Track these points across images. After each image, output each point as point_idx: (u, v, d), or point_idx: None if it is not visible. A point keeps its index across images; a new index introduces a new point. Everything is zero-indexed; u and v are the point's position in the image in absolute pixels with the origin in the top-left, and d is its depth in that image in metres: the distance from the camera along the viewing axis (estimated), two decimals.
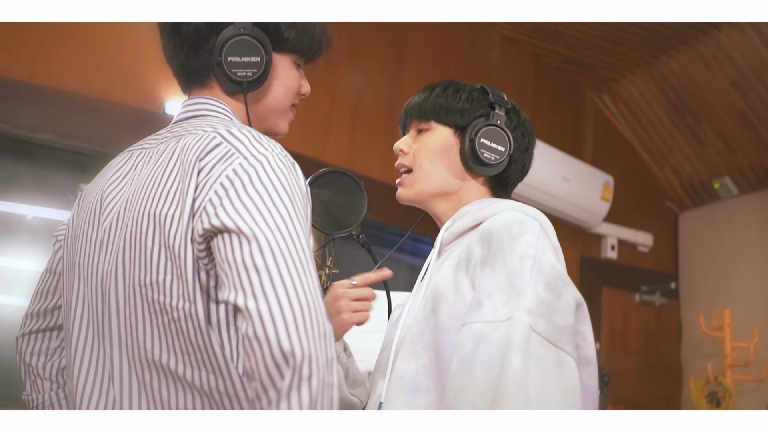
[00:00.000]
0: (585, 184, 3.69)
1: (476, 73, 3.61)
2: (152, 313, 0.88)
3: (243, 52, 1.04)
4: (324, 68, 3.15)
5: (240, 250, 0.81)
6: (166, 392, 0.88)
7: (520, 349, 0.88)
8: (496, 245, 0.98)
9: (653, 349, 4.02)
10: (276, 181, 0.87)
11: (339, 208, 1.36)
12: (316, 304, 0.80)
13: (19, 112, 2.28)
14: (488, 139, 1.16)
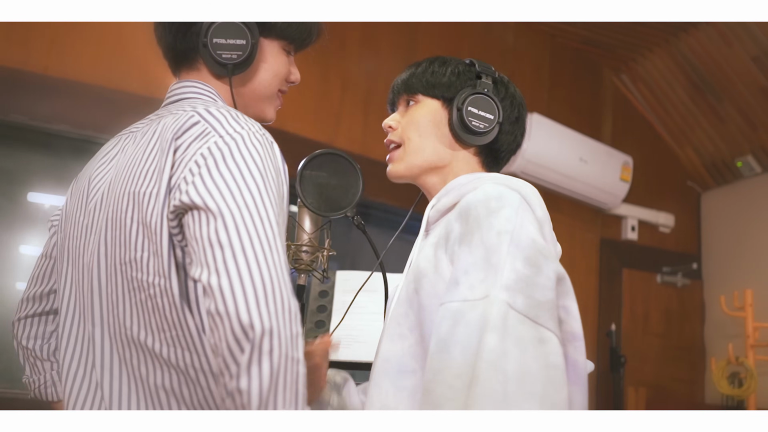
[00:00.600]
0: (603, 165, 3.63)
1: (491, 56, 3.57)
2: (131, 291, 0.89)
3: (229, 34, 1.05)
4: (336, 54, 3.16)
5: (207, 226, 0.81)
6: (145, 370, 0.88)
7: (496, 328, 0.86)
8: (473, 221, 0.96)
9: (676, 330, 3.96)
10: (249, 158, 0.87)
11: (333, 189, 1.36)
12: (280, 279, 0.80)
13: (35, 104, 2.32)
14: (476, 108, 1.14)
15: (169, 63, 1.13)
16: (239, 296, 0.77)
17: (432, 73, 1.19)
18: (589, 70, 3.98)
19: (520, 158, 3.33)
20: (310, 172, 1.35)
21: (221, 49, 1.04)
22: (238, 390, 0.76)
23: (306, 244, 1.40)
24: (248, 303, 0.77)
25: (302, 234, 1.41)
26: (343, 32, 3.04)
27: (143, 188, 0.90)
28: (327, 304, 1.70)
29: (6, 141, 2.35)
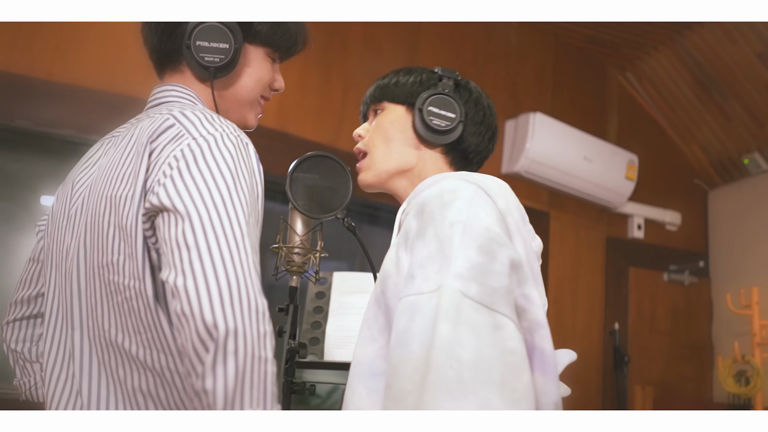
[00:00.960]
0: (608, 163, 3.61)
1: (493, 56, 3.56)
2: (108, 294, 0.90)
3: (212, 37, 1.05)
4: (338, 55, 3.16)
5: (174, 228, 0.82)
6: (123, 373, 0.89)
7: (448, 316, 0.85)
8: (427, 216, 0.96)
9: (683, 328, 3.93)
10: (220, 160, 0.87)
11: (323, 192, 1.36)
12: (246, 279, 0.80)
13: (39, 109, 2.34)
14: (437, 107, 1.15)
15: (153, 64, 1.14)
16: (203, 296, 0.77)
17: (396, 82, 1.21)
18: (593, 69, 3.95)
19: (523, 157, 3.33)
20: (300, 174, 1.35)
21: (204, 52, 1.05)
22: (204, 390, 0.76)
23: (298, 246, 1.41)
24: (212, 303, 0.77)
25: (294, 236, 1.42)
26: (345, 33, 3.04)
27: (119, 191, 0.91)
28: (324, 305, 1.70)
29: (12, 146, 2.37)
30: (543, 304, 1.08)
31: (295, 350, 1.40)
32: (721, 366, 3.31)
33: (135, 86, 2.45)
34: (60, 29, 2.42)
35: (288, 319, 1.40)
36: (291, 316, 1.41)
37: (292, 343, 1.40)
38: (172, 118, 0.93)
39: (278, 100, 2.79)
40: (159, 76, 1.15)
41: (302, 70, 2.88)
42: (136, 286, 0.87)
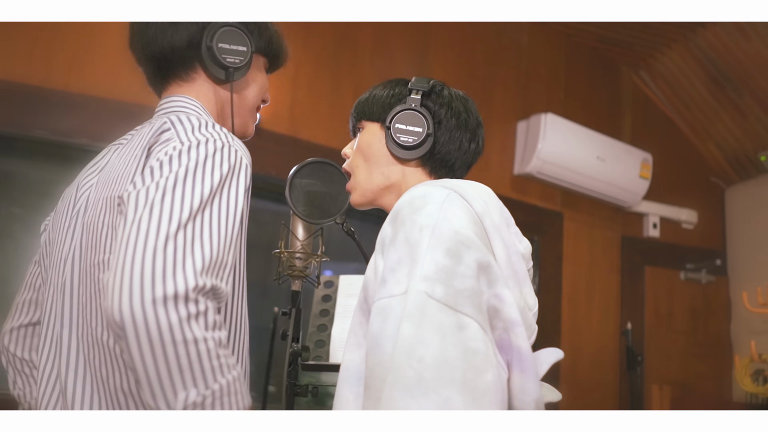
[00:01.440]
0: (621, 162, 3.58)
1: (504, 57, 3.55)
2: (98, 292, 0.92)
3: (233, 40, 1.10)
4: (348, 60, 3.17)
5: (122, 222, 0.84)
6: (106, 371, 0.91)
7: (411, 317, 0.87)
8: (399, 222, 0.97)
9: (701, 327, 3.88)
10: (185, 161, 0.89)
11: (323, 197, 1.38)
12: (146, 265, 0.80)
13: (56, 119, 2.39)
14: (403, 123, 1.16)
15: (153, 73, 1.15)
16: (109, 289, 0.79)
17: (372, 98, 1.22)
18: (606, 69, 3.92)
19: (535, 158, 3.31)
20: (299, 180, 1.37)
21: (225, 53, 1.09)
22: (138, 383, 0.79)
23: (299, 251, 1.42)
24: (113, 294, 0.78)
25: (295, 241, 1.43)
26: (355, 38, 3.05)
27: (115, 193, 0.94)
28: (330, 308, 1.71)
29: (30, 155, 2.42)
30: (531, 306, 1.09)
31: (297, 353, 1.41)
32: (738, 365, 3.26)
33: (149, 95, 2.47)
34: (76, 41, 2.47)
35: (290, 322, 1.42)
36: (293, 319, 1.42)
37: (295, 347, 1.41)
38: (169, 122, 0.96)
39: (290, 106, 2.81)
40: (159, 86, 1.16)
41: (313, 75, 2.90)
42: None
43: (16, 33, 2.43)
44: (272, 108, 2.76)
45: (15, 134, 2.42)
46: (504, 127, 3.47)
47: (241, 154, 0.97)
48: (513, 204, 3.42)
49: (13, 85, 2.38)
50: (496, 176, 3.41)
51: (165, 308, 0.78)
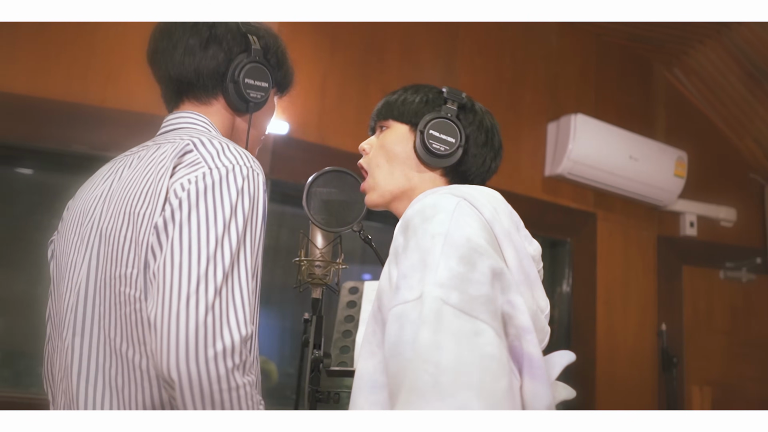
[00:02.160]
0: (655, 161, 3.49)
1: (533, 59, 3.49)
2: (118, 304, 0.94)
3: (257, 76, 1.13)
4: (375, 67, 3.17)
5: (162, 257, 0.85)
6: (121, 380, 0.92)
7: (427, 322, 0.86)
8: (411, 231, 0.97)
9: (742, 327, 3.75)
10: (225, 195, 0.91)
11: (339, 205, 1.37)
12: (202, 324, 0.84)
13: (94, 134, 2.44)
14: (438, 131, 1.15)
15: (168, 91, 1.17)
16: (164, 344, 0.83)
17: (403, 100, 1.21)
18: (638, 67, 3.83)
19: (566, 159, 3.25)
20: (316, 189, 1.37)
21: (250, 89, 1.12)
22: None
23: (318, 259, 1.42)
24: (168, 353, 0.83)
25: (315, 249, 1.43)
26: (382, 45, 3.05)
27: (139, 209, 0.95)
28: (354, 314, 1.70)
29: (69, 169, 2.48)
30: (543, 308, 1.07)
31: (319, 360, 1.40)
32: None
33: None
34: (111, 58, 2.52)
35: (311, 329, 1.41)
36: (315, 326, 1.42)
37: (317, 353, 1.41)
38: (191, 144, 0.97)
39: (318, 114, 2.82)
40: (173, 103, 1.17)
41: (341, 84, 2.91)
42: (144, 299, 0.91)
43: (54, 52, 2.50)
44: (301, 116, 2.78)
45: (55, 149, 2.49)
46: (534, 129, 3.42)
47: (261, 176, 1.00)
48: (544, 206, 3.37)
49: (52, 102, 2.45)
50: (526, 178, 3.36)
51: (216, 364, 0.84)
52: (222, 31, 1.12)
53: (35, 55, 2.49)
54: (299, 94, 2.79)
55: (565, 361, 1.08)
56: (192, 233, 0.88)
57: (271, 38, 1.19)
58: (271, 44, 1.18)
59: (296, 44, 2.82)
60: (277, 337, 3.02)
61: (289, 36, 2.79)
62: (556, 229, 3.44)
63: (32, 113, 2.43)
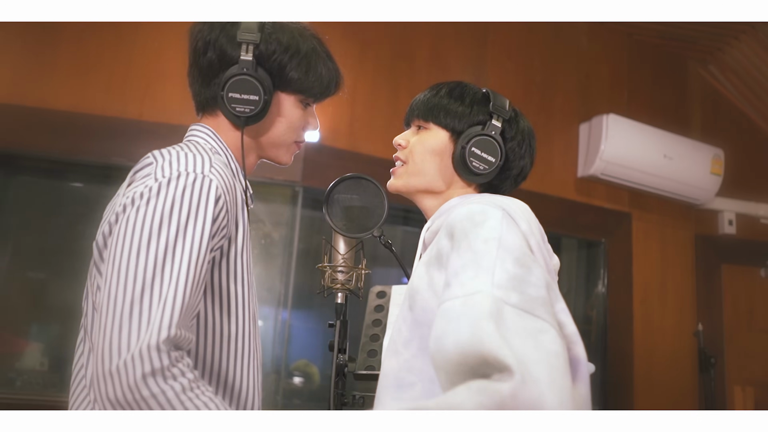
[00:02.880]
0: (690, 159, 3.39)
1: (564, 62, 3.44)
2: (93, 316, 0.96)
3: (244, 89, 1.07)
4: (405, 74, 3.16)
5: (104, 278, 0.89)
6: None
7: (492, 317, 0.83)
8: (460, 234, 0.95)
9: None
10: (152, 207, 0.90)
11: (359, 212, 1.36)
12: (107, 333, 0.84)
13: (132, 147, 2.48)
14: (479, 149, 1.12)
15: (195, 106, 1.18)
16: (95, 361, 0.84)
17: (448, 105, 1.16)
18: (672, 65, 3.73)
19: (598, 160, 3.19)
20: (336, 195, 1.36)
21: (235, 103, 1.06)
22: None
23: (341, 265, 1.41)
24: (91, 365, 0.84)
25: (337, 255, 1.42)
26: (411, 51, 3.04)
27: (104, 223, 0.98)
28: (382, 318, 1.69)
29: (109, 181, 2.53)
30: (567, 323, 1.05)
31: (344, 364, 1.40)
32: None
33: None
34: (147, 74, 2.57)
35: (335, 334, 1.41)
36: (339, 331, 1.41)
37: (342, 358, 1.40)
38: (152, 155, 0.97)
39: (349, 121, 2.83)
40: (198, 116, 1.19)
41: (371, 91, 2.91)
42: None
43: (93, 69, 2.56)
44: (332, 124, 2.78)
45: (96, 162, 2.55)
46: (566, 130, 3.37)
47: (214, 182, 0.96)
48: (578, 206, 3.31)
49: (92, 117, 2.51)
50: (559, 180, 3.30)
51: (121, 374, 0.82)
52: (220, 43, 1.08)
53: (75, 73, 2.56)
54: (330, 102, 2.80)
55: (590, 371, 1.07)
56: (118, 245, 0.88)
57: (280, 43, 1.10)
58: (275, 49, 1.10)
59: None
60: (320, 340, 3.02)
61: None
62: (590, 229, 3.37)
63: (74, 128, 2.50)
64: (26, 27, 2.58)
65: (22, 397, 2.48)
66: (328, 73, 1.19)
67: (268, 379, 2.66)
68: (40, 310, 2.67)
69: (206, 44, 1.09)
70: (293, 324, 2.75)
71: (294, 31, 1.14)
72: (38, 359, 2.61)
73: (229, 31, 1.09)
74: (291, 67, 1.11)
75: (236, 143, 1.13)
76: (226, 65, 1.07)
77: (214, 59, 1.08)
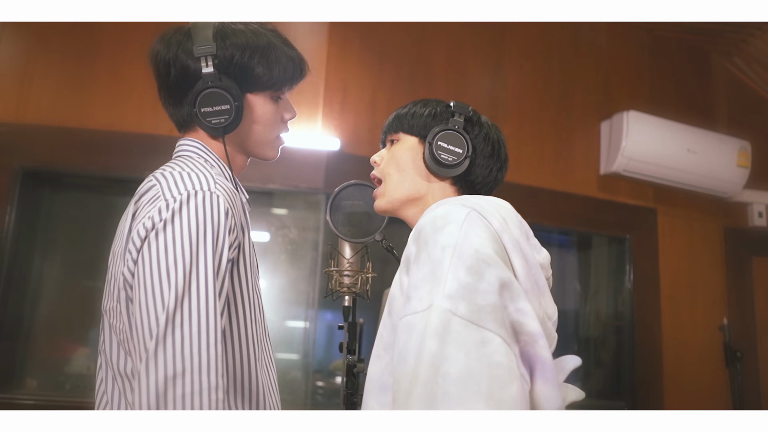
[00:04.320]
0: (716, 153, 3.30)
1: (583, 60, 3.39)
2: (113, 334, 0.98)
3: (214, 102, 1.06)
4: (422, 80, 3.16)
5: (137, 303, 0.90)
6: (131, 397, 0.96)
7: (436, 333, 0.86)
8: (422, 241, 0.97)
9: None
10: (184, 226, 0.92)
11: (361, 217, 1.38)
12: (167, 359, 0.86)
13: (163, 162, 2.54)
14: (445, 142, 1.15)
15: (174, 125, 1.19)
16: (138, 387, 0.87)
17: (413, 114, 1.21)
18: (694, 59, 3.64)
19: (620, 156, 3.13)
20: (339, 202, 1.38)
21: (209, 116, 1.06)
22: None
23: (347, 269, 1.43)
24: (139, 393, 0.87)
25: (343, 260, 1.44)
26: (429, 59, 3.04)
27: (115, 247, 1.00)
28: None
29: None
30: (550, 315, 1.05)
31: (352, 365, 1.41)
32: None
33: None
34: None
35: (345, 335, 1.43)
36: (348, 332, 1.43)
37: (351, 358, 1.42)
38: (154, 178, 0.99)
39: (369, 129, 2.84)
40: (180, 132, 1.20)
41: (390, 99, 2.92)
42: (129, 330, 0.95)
43: (126, 90, 2.64)
44: (353, 132, 2.81)
45: (131, 177, 2.62)
46: (587, 129, 3.31)
47: (221, 197, 0.97)
48: (601, 204, 3.25)
49: (126, 135, 2.59)
50: (581, 178, 3.25)
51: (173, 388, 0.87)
52: (180, 60, 1.08)
53: (110, 94, 2.65)
54: (351, 111, 2.83)
55: (572, 365, 1.07)
56: (153, 271, 0.90)
57: (237, 46, 1.09)
58: (232, 53, 1.09)
59: (345, 64, 2.86)
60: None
61: (337, 57, 2.84)
62: (615, 226, 3.31)
63: (110, 146, 2.59)
64: (65, 55, 2.68)
65: (70, 400, 2.57)
66: (291, 62, 1.16)
67: (302, 380, 2.70)
68: (86, 317, 2.76)
69: (167, 64, 1.09)
70: (319, 325, 2.77)
71: (246, 31, 1.12)
72: (85, 363, 2.70)
73: (185, 45, 1.08)
74: (252, 65, 1.10)
75: (223, 152, 1.14)
76: (191, 81, 1.07)
77: (178, 77, 1.08)
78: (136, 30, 2.67)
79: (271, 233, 2.88)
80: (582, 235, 3.41)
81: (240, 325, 1.05)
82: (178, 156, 1.12)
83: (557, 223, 3.19)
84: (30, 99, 2.63)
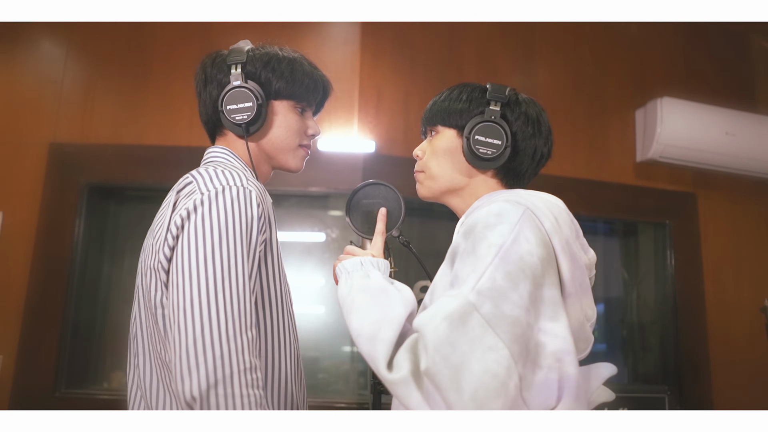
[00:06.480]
0: (756, 134, 3.15)
1: (614, 49, 3.29)
2: (156, 324, 1.02)
3: (238, 99, 1.14)
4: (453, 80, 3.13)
5: (174, 286, 0.94)
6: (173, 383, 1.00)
7: (451, 319, 0.85)
8: (473, 237, 0.95)
9: None
10: (220, 216, 0.97)
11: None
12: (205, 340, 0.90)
13: None
14: (483, 135, 1.11)
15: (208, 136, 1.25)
16: (177, 368, 0.91)
17: (449, 104, 1.17)
18: (731, 40, 3.48)
19: (655, 143, 3.04)
20: (357, 201, 1.40)
21: (233, 113, 1.13)
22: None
23: None
24: (182, 375, 0.90)
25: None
26: (459, 57, 3.02)
27: (154, 240, 1.04)
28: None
29: None
30: (589, 317, 1.04)
31: None
32: None
33: None
34: None
35: None
36: None
37: None
38: (191, 175, 1.04)
39: (403, 130, 2.85)
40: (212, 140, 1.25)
41: (422, 100, 2.91)
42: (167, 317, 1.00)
43: (177, 107, 2.74)
44: (387, 134, 2.82)
45: None
46: (621, 118, 3.23)
47: (253, 192, 1.02)
48: (638, 191, 3.16)
49: (178, 149, 2.69)
50: (617, 166, 3.17)
51: (236, 378, 0.92)
52: (215, 75, 1.17)
53: (162, 112, 2.76)
54: (385, 114, 2.85)
55: (607, 373, 1.03)
56: (190, 256, 0.95)
57: (263, 60, 1.17)
58: (258, 66, 1.16)
59: (377, 68, 2.88)
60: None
61: (371, 63, 2.86)
62: (653, 212, 3.21)
63: (162, 159, 2.69)
64: (121, 81, 2.81)
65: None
66: (311, 79, 1.22)
67: (362, 372, 2.73)
68: None
69: (205, 81, 1.18)
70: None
71: (276, 48, 1.20)
72: None
73: (220, 64, 1.17)
74: (275, 76, 1.17)
75: (246, 157, 1.19)
76: (222, 89, 1.15)
77: (213, 90, 1.16)
78: (183, 54, 2.77)
79: (326, 234, 2.93)
80: (625, 222, 3.32)
81: (267, 318, 1.09)
82: (208, 162, 1.17)
83: (596, 212, 3.12)
84: (92, 121, 2.77)
